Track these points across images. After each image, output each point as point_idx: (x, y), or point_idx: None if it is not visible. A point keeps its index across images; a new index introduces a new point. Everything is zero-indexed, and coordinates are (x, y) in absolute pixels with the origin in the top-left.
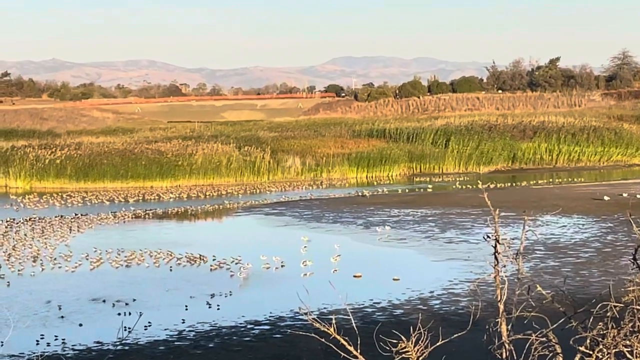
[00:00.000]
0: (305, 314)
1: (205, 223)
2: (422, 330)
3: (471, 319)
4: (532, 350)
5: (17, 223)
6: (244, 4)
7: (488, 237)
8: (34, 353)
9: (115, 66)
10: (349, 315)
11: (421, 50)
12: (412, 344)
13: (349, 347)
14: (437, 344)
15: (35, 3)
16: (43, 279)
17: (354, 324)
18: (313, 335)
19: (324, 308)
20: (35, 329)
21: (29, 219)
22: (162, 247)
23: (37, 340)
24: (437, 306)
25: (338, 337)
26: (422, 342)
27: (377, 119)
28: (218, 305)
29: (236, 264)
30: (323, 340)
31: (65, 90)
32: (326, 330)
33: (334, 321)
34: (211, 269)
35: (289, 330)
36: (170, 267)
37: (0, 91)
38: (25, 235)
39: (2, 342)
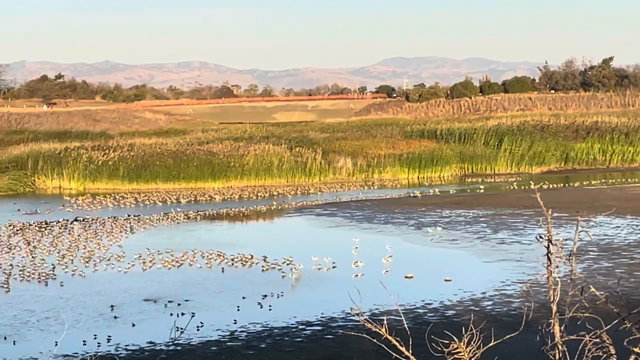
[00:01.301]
0: (357, 314)
1: (257, 224)
2: (474, 331)
3: (523, 320)
4: (586, 351)
5: (70, 224)
6: (295, 5)
7: (541, 237)
8: (88, 353)
9: (167, 68)
10: (400, 316)
11: (473, 50)
12: (464, 344)
13: (400, 348)
14: (489, 344)
15: (89, 6)
16: (96, 280)
17: (405, 325)
18: (364, 335)
19: (376, 309)
20: (88, 329)
21: (83, 220)
22: (214, 248)
23: (86, 341)
24: (489, 307)
25: (389, 338)
26: (474, 342)
27: (428, 119)
28: (270, 306)
29: (288, 264)
30: (375, 340)
31: (118, 92)
32: (378, 330)
33: (385, 322)
34: (263, 270)
35: (341, 331)
36: (222, 268)
37: (54, 93)
38: (79, 236)
39: (56, 342)
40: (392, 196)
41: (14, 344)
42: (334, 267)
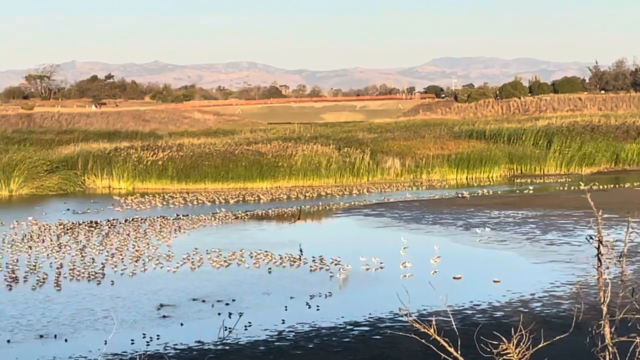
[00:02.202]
0: (405, 315)
1: (305, 224)
2: (523, 332)
3: (573, 322)
4: (637, 353)
5: (120, 223)
6: (344, 5)
7: (591, 238)
8: (137, 352)
9: (216, 68)
10: (448, 317)
11: (522, 50)
12: (513, 345)
13: (449, 349)
14: (539, 346)
15: (138, 7)
16: (145, 279)
17: (454, 326)
18: (413, 336)
19: (424, 309)
20: (137, 328)
21: (132, 220)
22: (261, 247)
23: (135, 340)
24: (538, 309)
25: (438, 338)
26: (523, 344)
27: (477, 120)
28: (317, 306)
29: (335, 265)
30: (423, 341)
31: (167, 92)
32: (426, 331)
33: (434, 322)
34: (311, 270)
35: (389, 331)
36: (270, 268)
37: (104, 93)
38: (128, 235)
39: (105, 340)
40: (440, 197)
41: (65, 341)
42: (381, 267)
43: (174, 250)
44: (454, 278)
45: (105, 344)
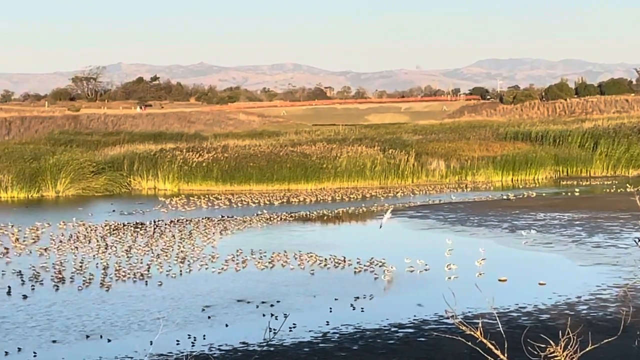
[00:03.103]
0: (451, 317)
1: (349, 226)
2: (570, 335)
3: (621, 325)
4: None
5: (165, 224)
6: (389, 7)
7: (638, 241)
8: (182, 352)
9: (261, 70)
10: (494, 319)
11: (568, 52)
12: (561, 349)
13: (496, 351)
14: (586, 349)
15: (183, 9)
16: (190, 280)
17: (500, 328)
18: (459, 338)
19: (469, 312)
20: (182, 329)
21: (177, 221)
22: (306, 249)
23: (180, 340)
24: (585, 311)
25: (485, 341)
26: (571, 347)
27: (522, 121)
28: (362, 308)
29: (380, 266)
30: (469, 343)
31: (212, 94)
32: (472, 333)
33: (480, 325)
34: (355, 272)
35: (435, 334)
36: (312, 270)
37: (150, 95)
38: (173, 236)
39: (151, 341)
40: (485, 198)
41: (109, 341)
42: (426, 269)
43: (218, 251)
44: (499, 280)
45: (151, 344)
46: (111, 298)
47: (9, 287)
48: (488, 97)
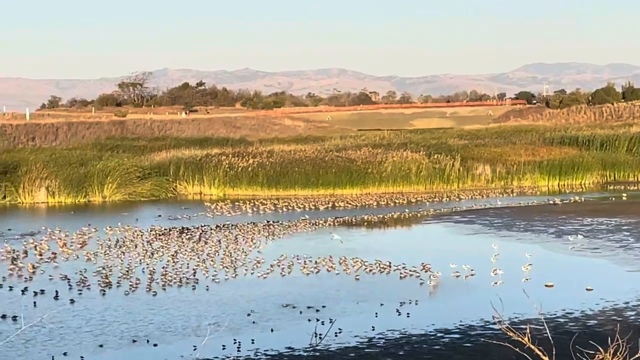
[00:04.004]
0: (498, 322)
1: (395, 231)
2: (620, 341)
3: None
4: None
5: (210, 229)
6: (434, 12)
7: None
8: (228, 357)
9: (306, 75)
10: (541, 325)
11: (615, 55)
12: (610, 355)
13: (544, 358)
14: (636, 355)
15: (229, 14)
16: (236, 285)
17: (548, 334)
18: (506, 344)
19: (515, 317)
20: (228, 334)
21: (223, 226)
22: (351, 254)
23: (226, 345)
24: (633, 317)
25: (532, 347)
26: (620, 353)
27: (569, 126)
28: (408, 313)
29: (426, 272)
30: (517, 350)
31: (257, 99)
32: (520, 339)
33: (528, 330)
34: (401, 277)
35: (482, 339)
36: (358, 275)
37: (196, 100)
38: (219, 241)
39: (194, 346)
40: (531, 203)
41: (155, 346)
42: (472, 274)
43: (264, 256)
44: (546, 286)
45: (195, 349)
46: (157, 303)
47: (57, 291)
48: (534, 101)
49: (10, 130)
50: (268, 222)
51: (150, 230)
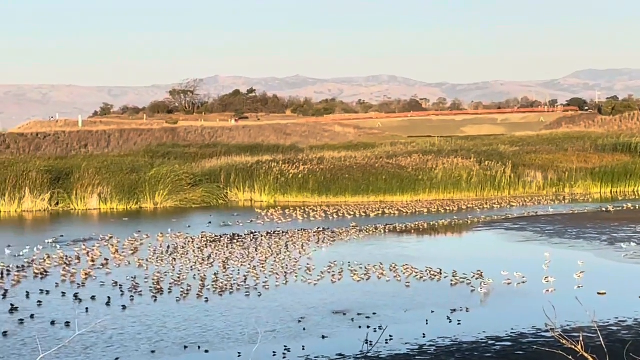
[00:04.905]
0: (551, 329)
1: (445, 238)
2: None
3: None
4: None
5: (261, 236)
6: (485, 18)
7: None
8: None
9: (356, 82)
10: (593, 333)
11: None
12: None
13: None
14: None
15: (279, 22)
16: (286, 291)
17: (601, 342)
18: (558, 352)
19: (567, 325)
20: (279, 340)
21: (273, 232)
22: (402, 261)
23: (276, 352)
24: None
25: (586, 355)
26: None
27: (621, 132)
28: (459, 320)
29: (477, 279)
30: (570, 357)
31: (308, 106)
32: (573, 347)
33: (580, 338)
34: (452, 284)
35: (533, 347)
36: (408, 282)
37: (246, 107)
38: (270, 248)
39: (239, 352)
40: (583, 211)
41: (206, 352)
42: (523, 282)
43: (314, 262)
44: (598, 293)
45: (239, 355)
46: (208, 309)
47: (109, 297)
48: (586, 108)
49: (63, 137)
50: (318, 228)
51: (201, 237)
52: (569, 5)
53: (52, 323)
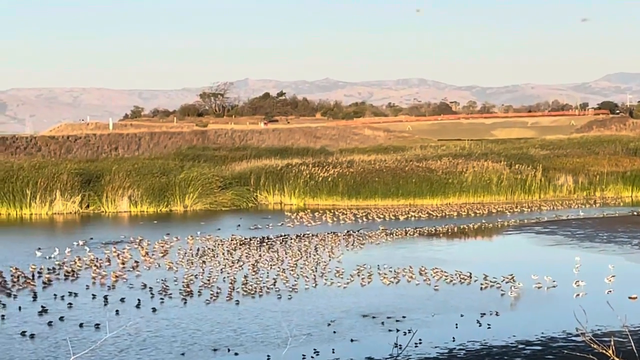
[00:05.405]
0: (581, 334)
1: (475, 241)
2: None
3: None
4: None
5: (291, 239)
6: (515, 21)
7: None
8: None
9: (386, 85)
10: (624, 338)
11: None
12: None
13: None
14: None
15: (308, 25)
16: (316, 294)
17: (632, 347)
18: (589, 357)
19: (598, 329)
20: (309, 343)
21: (303, 235)
22: (432, 264)
23: (305, 355)
24: None
25: (616, 359)
26: None
27: None
28: (488, 324)
29: (507, 282)
30: None
31: (338, 109)
32: (604, 351)
33: (612, 343)
34: (481, 288)
35: (563, 351)
36: (437, 285)
37: (276, 110)
38: (299, 251)
39: (268, 355)
40: (614, 214)
41: (236, 355)
42: (554, 286)
43: (344, 266)
44: (630, 298)
45: (268, 358)
46: (238, 312)
47: (139, 300)
48: (617, 111)
49: (93, 140)
50: (348, 232)
51: (231, 240)
52: (600, 8)
53: (81, 325)
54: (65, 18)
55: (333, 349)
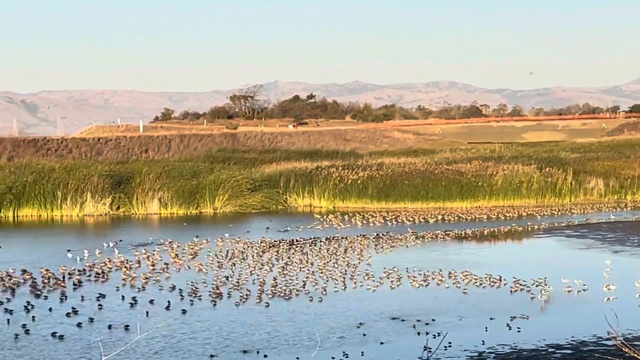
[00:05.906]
0: (612, 338)
1: (505, 244)
2: None
3: None
4: None
5: (320, 241)
6: (547, 24)
7: None
8: None
9: (416, 88)
10: None
11: None
12: None
13: None
14: None
15: (339, 28)
16: (345, 297)
17: None
18: None
19: (629, 333)
20: (339, 346)
21: (332, 238)
22: (461, 267)
23: (335, 358)
24: None
25: None
26: None
27: None
28: (518, 328)
29: (537, 286)
30: None
31: (367, 112)
32: (635, 355)
33: None
34: (511, 291)
35: (595, 355)
36: (467, 289)
37: (306, 113)
38: (329, 253)
39: (297, 358)
40: None
41: (265, 357)
42: (584, 289)
43: (373, 268)
44: None
45: None
46: (267, 314)
47: (169, 301)
48: None
49: (124, 142)
50: (377, 234)
51: (261, 242)
52: (631, 12)
53: (109, 327)
54: (97, 21)
55: (362, 352)
